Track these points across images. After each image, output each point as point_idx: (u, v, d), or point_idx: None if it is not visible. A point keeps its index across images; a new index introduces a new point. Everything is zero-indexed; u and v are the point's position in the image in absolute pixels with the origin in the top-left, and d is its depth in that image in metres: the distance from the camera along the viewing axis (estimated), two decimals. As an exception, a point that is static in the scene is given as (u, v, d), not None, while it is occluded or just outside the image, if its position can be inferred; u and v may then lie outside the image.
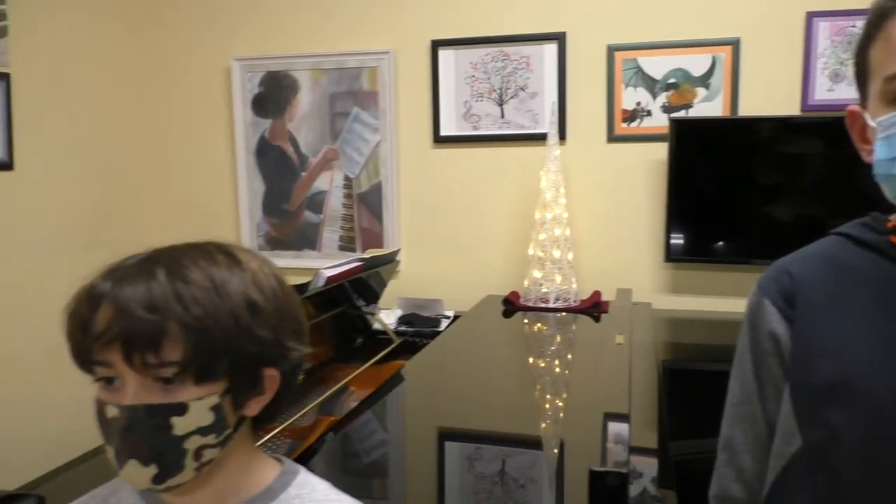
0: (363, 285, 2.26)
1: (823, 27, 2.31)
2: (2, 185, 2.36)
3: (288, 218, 2.86)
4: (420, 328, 2.40)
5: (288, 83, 2.79)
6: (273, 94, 2.81)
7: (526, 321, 2.30)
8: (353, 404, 1.93)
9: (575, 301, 2.37)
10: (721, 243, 2.39)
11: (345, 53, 2.70)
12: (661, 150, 2.43)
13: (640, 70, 2.46)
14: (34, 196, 2.47)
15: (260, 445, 1.41)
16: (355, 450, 1.41)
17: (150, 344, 0.66)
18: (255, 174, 2.87)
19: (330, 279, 1.79)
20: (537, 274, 2.39)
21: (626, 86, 2.47)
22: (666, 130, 2.40)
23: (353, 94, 2.72)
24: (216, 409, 0.70)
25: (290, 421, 1.58)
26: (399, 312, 2.51)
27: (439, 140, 2.66)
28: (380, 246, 2.74)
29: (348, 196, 2.78)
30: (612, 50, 2.46)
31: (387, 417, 1.60)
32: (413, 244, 2.71)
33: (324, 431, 1.65)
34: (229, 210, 2.92)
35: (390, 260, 2.35)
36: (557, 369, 1.85)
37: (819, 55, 2.32)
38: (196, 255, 0.73)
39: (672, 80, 2.44)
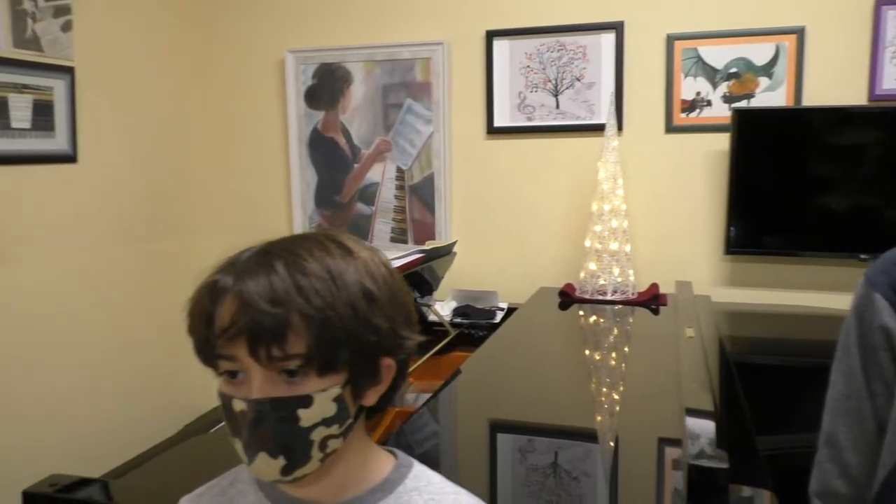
0: (419, 277, 2.26)
1: (893, 15, 2.24)
2: (66, 177, 2.40)
3: (340, 209, 2.87)
4: (475, 319, 2.40)
5: (341, 75, 2.79)
6: (326, 86, 2.82)
7: (582, 313, 2.28)
8: (414, 395, 1.94)
9: (633, 294, 2.34)
10: (783, 235, 2.34)
11: (398, 45, 2.70)
12: (720, 141, 2.39)
13: (700, 59, 2.41)
14: (96, 188, 2.51)
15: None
16: (409, 441, 1.41)
17: (275, 337, 0.66)
18: (308, 166, 2.88)
19: (395, 270, 1.79)
20: (593, 266, 2.37)
21: (686, 76, 2.43)
22: (726, 121, 2.36)
23: (406, 86, 2.72)
24: (338, 399, 0.70)
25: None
26: (454, 304, 2.51)
27: (493, 131, 2.64)
28: (432, 238, 2.74)
29: (400, 188, 2.78)
30: (671, 39, 2.43)
31: (460, 411, 1.60)
32: (465, 236, 2.70)
33: (390, 423, 1.65)
34: (282, 201, 2.94)
35: (448, 251, 2.35)
36: (628, 363, 1.83)
37: (888, 44, 2.25)
38: (311, 246, 0.72)
39: (733, 70, 2.39)
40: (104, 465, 2.48)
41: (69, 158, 2.41)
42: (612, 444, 1.31)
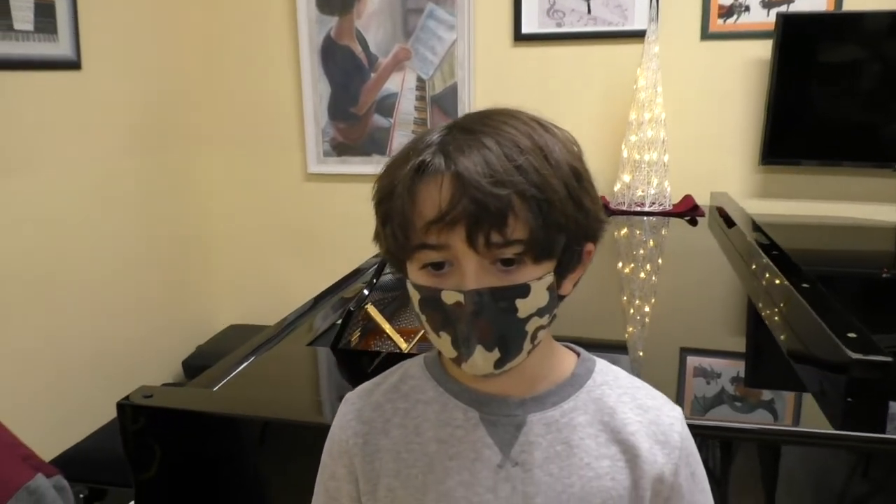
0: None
1: (943, -87, 2.17)
2: (71, 84, 2.24)
3: (356, 122, 2.75)
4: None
5: (356, -23, 2.63)
6: (340, -11, 2.65)
7: (619, 225, 2.25)
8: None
9: (669, 205, 2.32)
10: (819, 145, 2.32)
11: (419, -56, 2.54)
12: (757, 49, 2.34)
13: (740, -39, 2.32)
14: (101, 97, 2.36)
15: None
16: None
17: (496, 222, 0.60)
18: (321, 76, 2.74)
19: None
20: (628, 178, 2.33)
21: (725, -22, 2.35)
22: (765, 27, 2.30)
23: (427, -11, 2.57)
24: (550, 288, 0.65)
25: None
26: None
27: (520, 38, 2.53)
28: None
29: (421, 99, 2.67)
30: (712, -61, 2.32)
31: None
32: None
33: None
34: (293, 113, 2.81)
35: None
36: (685, 276, 1.81)
37: (935, -56, 2.19)
38: (511, 121, 0.65)
39: (774, -27, 2.31)
40: (120, 386, 2.42)
41: (73, 65, 2.24)
42: (641, 353, 1.30)
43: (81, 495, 1.93)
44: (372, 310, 1.33)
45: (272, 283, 3.00)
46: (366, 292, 1.31)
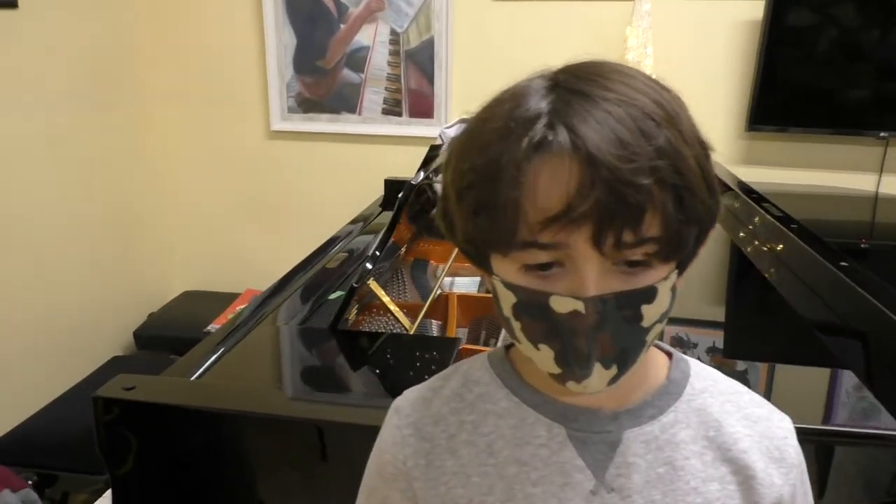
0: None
1: None
2: (6, 24, 1.99)
3: (323, 76, 2.57)
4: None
5: (326, -83, 2.42)
6: (307, -70, 2.43)
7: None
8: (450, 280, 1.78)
9: (656, 172, 2.23)
10: (807, 112, 2.26)
11: None
12: (749, 9, 2.25)
13: (736, -84, 2.22)
14: (42, 42, 2.12)
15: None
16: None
17: (633, 219, 0.47)
18: (285, 25, 2.53)
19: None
20: (613, 142, 2.23)
21: (719, -66, 2.24)
22: (757, -13, 2.21)
23: (403, -67, 2.39)
24: (674, 289, 0.53)
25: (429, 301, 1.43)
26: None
27: (502, -10, 2.38)
28: (429, 111, 2.51)
29: (395, 53, 2.50)
30: None
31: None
32: (467, 108, 2.48)
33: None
34: (254, 67, 2.59)
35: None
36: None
37: None
38: (628, 80, 0.52)
39: (770, -71, 2.21)
40: (66, 361, 2.23)
41: (9, 2, 1.99)
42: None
43: (30, 482, 1.76)
44: (374, 285, 1.20)
45: (229, 247, 2.82)
46: (369, 266, 1.18)
